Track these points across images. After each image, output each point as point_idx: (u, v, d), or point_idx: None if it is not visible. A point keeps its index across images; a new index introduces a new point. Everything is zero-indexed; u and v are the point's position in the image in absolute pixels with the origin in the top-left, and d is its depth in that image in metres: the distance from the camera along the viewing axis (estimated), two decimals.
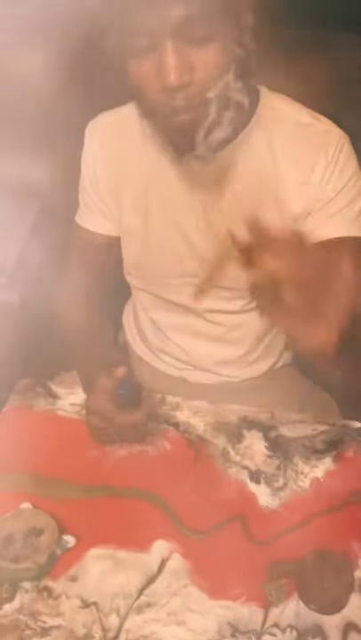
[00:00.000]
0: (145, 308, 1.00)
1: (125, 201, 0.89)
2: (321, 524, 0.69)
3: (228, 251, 0.51)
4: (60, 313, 0.95)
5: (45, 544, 0.63)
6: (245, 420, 0.83)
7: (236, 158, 0.81)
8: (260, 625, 0.59)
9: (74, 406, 0.84)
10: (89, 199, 0.93)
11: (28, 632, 0.58)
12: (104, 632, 0.58)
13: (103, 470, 0.75)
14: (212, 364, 1.01)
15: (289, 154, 0.81)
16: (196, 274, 0.90)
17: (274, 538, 0.67)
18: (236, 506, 0.71)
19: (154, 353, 1.05)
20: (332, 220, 0.82)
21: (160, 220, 0.88)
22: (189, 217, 0.86)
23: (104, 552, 0.65)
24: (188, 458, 0.77)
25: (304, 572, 0.62)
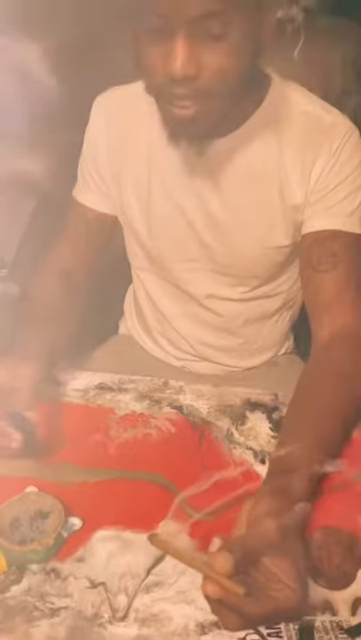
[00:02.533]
0: (148, 292, 0.99)
1: (127, 180, 0.88)
2: (327, 502, 0.69)
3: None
4: (35, 284, 0.92)
5: (52, 526, 0.63)
6: (249, 402, 0.83)
7: (240, 145, 0.81)
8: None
9: (77, 391, 0.84)
10: (87, 174, 0.93)
11: (36, 613, 0.58)
12: (113, 612, 0.58)
13: (108, 454, 0.75)
14: (213, 352, 1.01)
15: (294, 144, 0.81)
16: (198, 259, 0.90)
17: None
18: (241, 486, 0.71)
19: (154, 340, 1.05)
20: (328, 213, 0.82)
21: (162, 202, 0.87)
22: (192, 202, 0.86)
23: (111, 533, 0.65)
24: (192, 440, 0.77)
25: (313, 550, 0.61)
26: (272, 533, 0.53)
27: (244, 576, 0.53)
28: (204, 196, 0.85)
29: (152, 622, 0.58)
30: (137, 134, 0.86)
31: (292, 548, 0.55)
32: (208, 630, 0.57)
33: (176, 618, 0.58)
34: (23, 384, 0.71)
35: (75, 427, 0.78)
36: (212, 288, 0.93)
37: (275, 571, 0.53)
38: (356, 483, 0.71)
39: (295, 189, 0.82)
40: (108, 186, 0.91)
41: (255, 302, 0.95)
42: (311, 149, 0.80)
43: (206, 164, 0.82)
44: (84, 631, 0.57)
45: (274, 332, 1.02)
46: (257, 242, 0.86)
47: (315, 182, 0.81)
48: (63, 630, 0.57)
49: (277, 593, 0.52)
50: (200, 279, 0.92)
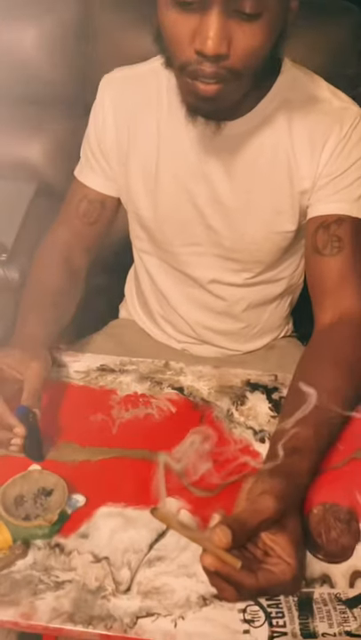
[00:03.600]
0: (150, 275, 1.00)
1: (134, 161, 0.87)
2: (326, 479, 0.70)
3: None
4: (35, 265, 0.92)
5: (55, 503, 0.64)
6: (248, 383, 0.84)
7: (252, 128, 0.81)
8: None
9: (79, 373, 0.84)
10: (91, 154, 0.92)
11: (41, 586, 0.59)
12: (116, 585, 0.60)
13: (110, 434, 0.76)
14: (214, 336, 1.01)
15: (304, 127, 0.81)
16: (203, 243, 0.90)
17: None
18: (241, 464, 0.72)
19: (156, 323, 1.05)
20: (335, 198, 0.82)
21: (170, 185, 0.86)
22: (200, 186, 0.85)
23: (114, 510, 0.66)
24: (193, 419, 0.78)
25: (311, 524, 0.63)
26: (270, 510, 0.55)
27: (242, 550, 0.54)
28: (212, 179, 0.84)
29: (154, 595, 0.59)
30: (146, 115, 0.85)
31: (290, 524, 0.57)
32: (209, 602, 0.58)
33: (178, 590, 0.59)
34: (31, 380, 0.71)
35: (77, 408, 0.79)
36: (216, 273, 0.93)
37: (272, 546, 0.55)
38: (354, 460, 0.73)
39: (304, 174, 0.82)
40: (113, 167, 0.90)
41: (258, 287, 0.95)
42: (320, 134, 0.80)
43: (217, 146, 0.82)
44: (88, 603, 0.58)
45: (274, 317, 1.02)
46: (263, 227, 0.86)
47: (323, 166, 0.81)
48: (67, 602, 0.58)
49: (274, 567, 0.54)
50: (204, 263, 0.92)
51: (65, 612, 0.57)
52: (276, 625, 0.56)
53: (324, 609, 0.57)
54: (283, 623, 0.56)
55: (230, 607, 0.58)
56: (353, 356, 0.76)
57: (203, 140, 0.81)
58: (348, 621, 0.57)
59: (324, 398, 0.68)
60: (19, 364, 0.72)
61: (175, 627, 0.56)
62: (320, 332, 0.82)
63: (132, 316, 1.11)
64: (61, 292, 0.89)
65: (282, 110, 0.80)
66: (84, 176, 0.94)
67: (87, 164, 0.93)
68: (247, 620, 0.57)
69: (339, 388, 0.72)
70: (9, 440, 0.67)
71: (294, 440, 0.62)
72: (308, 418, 0.62)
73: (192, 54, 0.66)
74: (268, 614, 0.57)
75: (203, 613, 0.57)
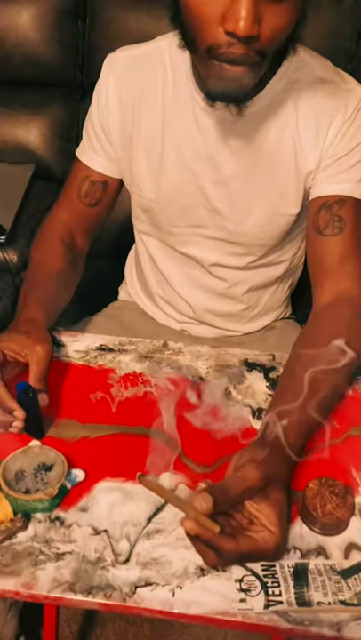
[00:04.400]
0: (152, 256, 1.00)
1: (138, 143, 0.87)
2: (322, 455, 0.71)
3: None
4: (35, 246, 0.91)
5: (55, 478, 0.65)
6: (246, 362, 0.85)
7: (258, 110, 0.80)
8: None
9: (78, 353, 0.85)
10: (93, 135, 0.91)
11: (42, 557, 0.60)
12: (115, 556, 0.61)
13: (109, 411, 0.77)
14: (214, 317, 1.02)
15: (309, 109, 0.80)
16: (207, 225, 0.90)
17: None
18: (238, 441, 0.73)
19: (156, 304, 1.06)
20: (338, 178, 0.82)
21: (174, 167, 0.86)
22: (205, 168, 0.85)
23: (113, 484, 0.67)
24: (191, 397, 0.79)
25: (307, 498, 0.64)
26: (252, 479, 0.57)
27: (228, 518, 0.56)
28: (218, 161, 0.84)
29: (153, 565, 0.60)
30: (151, 96, 0.85)
31: (274, 494, 0.58)
32: (206, 572, 0.60)
33: (176, 561, 0.60)
34: (37, 364, 0.72)
35: (76, 386, 0.80)
36: (219, 256, 0.93)
37: (256, 514, 0.57)
38: (351, 438, 0.73)
39: (308, 155, 0.82)
40: (116, 148, 0.90)
41: (259, 270, 0.96)
42: (326, 115, 0.80)
43: (223, 128, 0.82)
44: (87, 573, 0.59)
45: (274, 299, 1.03)
46: (267, 209, 0.86)
47: (328, 147, 0.81)
48: (68, 573, 0.59)
49: (256, 534, 0.56)
50: (207, 246, 0.92)
51: (65, 582, 0.58)
52: (271, 594, 0.57)
53: (319, 579, 0.59)
54: (278, 592, 0.58)
55: (227, 577, 0.59)
56: (348, 335, 0.77)
57: (220, 123, 0.81)
58: (343, 591, 0.58)
59: (318, 376, 0.69)
60: (23, 348, 0.73)
61: (173, 596, 0.58)
62: (318, 312, 0.82)
63: (131, 297, 1.11)
64: (62, 274, 0.90)
65: (288, 92, 0.80)
66: (85, 157, 0.93)
67: (89, 144, 0.92)
68: (244, 590, 0.58)
69: (337, 369, 0.72)
70: (10, 423, 0.68)
71: (284, 415, 0.63)
72: (300, 395, 0.63)
73: (221, 36, 0.64)
74: (264, 584, 0.58)
75: (200, 583, 0.59)
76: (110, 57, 0.88)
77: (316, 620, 0.56)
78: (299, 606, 0.57)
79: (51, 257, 0.90)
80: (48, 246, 0.92)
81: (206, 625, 0.59)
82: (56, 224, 0.94)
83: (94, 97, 0.90)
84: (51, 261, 0.90)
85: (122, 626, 1.19)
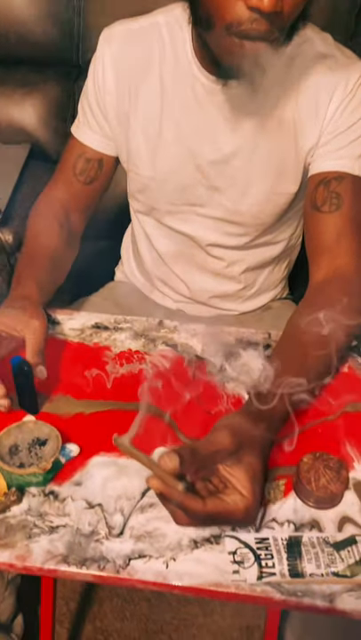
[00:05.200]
0: (148, 235, 0.99)
1: (135, 120, 0.86)
2: (317, 431, 0.71)
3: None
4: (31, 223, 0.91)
5: (49, 452, 0.65)
6: (242, 340, 0.84)
7: (259, 86, 0.78)
8: (258, 519, 0.62)
9: (73, 330, 0.85)
10: (89, 111, 0.90)
11: (36, 530, 0.60)
12: (109, 529, 0.61)
13: (105, 388, 0.77)
14: (211, 297, 1.01)
15: (310, 84, 0.80)
16: (205, 204, 0.89)
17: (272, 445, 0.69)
18: None
19: (152, 284, 1.05)
20: (337, 155, 0.81)
21: (172, 145, 0.85)
22: (204, 146, 0.84)
23: (107, 459, 0.67)
24: (185, 374, 0.79)
25: (301, 472, 0.64)
26: (223, 442, 0.57)
27: (205, 482, 0.57)
28: (217, 138, 0.83)
29: (146, 538, 0.60)
30: (148, 72, 0.83)
31: (248, 459, 0.58)
32: (200, 545, 0.60)
33: (169, 534, 0.60)
34: (33, 338, 0.71)
35: (72, 363, 0.80)
36: (216, 235, 0.92)
37: (229, 478, 0.57)
38: (346, 414, 0.73)
39: (309, 131, 0.81)
40: (112, 125, 0.88)
41: (257, 250, 0.95)
42: (326, 90, 0.79)
43: (223, 105, 0.80)
44: (81, 546, 0.59)
45: (271, 279, 1.02)
46: (266, 188, 0.85)
47: (328, 122, 0.80)
48: (62, 545, 0.59)
49: (227, 497, 0.56)
50: (205, 225, 0.91)
51: (59, 554, 0.59)
52: (265, 566, 0.58)
53: (312, 551, 0.59)
54: (272, 564, 0.58)
55: (220, 549, 0.59)
56: (343, 312, 0.76)
57: (220, 100, 0.79)
58: (336, 563, 0.58)
59: (309, 349, 0.68)
60: (17, 322, 0.72)
61: (167, 567, 0.58)
62: (314, 288, 0.82)
63: (127, 277, 1.10)
64: (57, 252, 0.89)
65: (289, 67, 0.79)
66: (81, 133, 0.92)
67: (85, 120, 0.91)
68: (237, 562, 0.58)
69: (326, 340, 0.72)
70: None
71: (274, 386, 0.63)
72: (291, 366, 0.63)
73: (243, 11, 0.63)
74: (257, 556, 0.58)
75: (194, 555, 0.59)
76: (107, 31, 0.87)
77: (309, 592, 0.56)
78: (292, 578, 0.57)
79: (45, 234, 0.89)
80: (43, 224, 0.91)
81: (200, 596, 0.59)
82: (51, 201, 0.93)
83: (90, 72, 0.89)
84: (46, 239, 0.89)
85: (119, 604, 1.20)
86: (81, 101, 0.92)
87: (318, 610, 0.56)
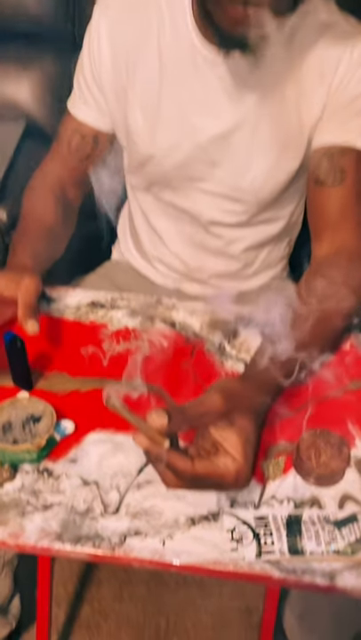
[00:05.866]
0: (145, 213, 0.97)
1: (133, 94, 0.83)
2: (320, 409, 0.70)
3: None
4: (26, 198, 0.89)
5: (43, 429, 0.63)
6: (242, 319, 0.83)
7: (263, 59, 0.75)
8: (257, 497, 0.60)
9: (69, 308, 0.83)
10: (84, 85, 0.87)
11: (29, 508, 0.59)
12: (105, 506, 0.59)
13: (101, 365, 0.75)
14: (209, 276, 1.00)
15: (314, 55, 0.77)
16: (205, 178, 0.87)
17: (271, 422, 0.68)
18: None
19: (150, 263, 1.03)
20: (342, 128, 0.79)
21: (172, 119, 0.82)
22: (205, 120, 0.81)
23: (103, 436, 0.66)
24: (184, 352, 0.77)
25: (301, 448, 0.62)
26: (213, 403, 0.56)
27: (197, 446, 0.56)
28: (218, 112, 0.80)
29: (143, 516, 0.59)
30: (146, 44, 0.80)
31: (240, 422, 0.57)
32: (198, 523, 0.58)
33: (166, 512, 0.59)
34: (25, 293, 0.70)
35: (67, 341, 0.78)
36: (216, 212, 0.90)
37: (220, 441, 0.56)
38: (349, 392, 0.72)
39: (313, 103, 0.78)
40: (109, 100, 0.86)
41: (257, 227, 0.93)
42: (331, 60, 0.76)
43: (224, 77, 0.78)
44: (76, 524, 0.58)
45: (271, 257, 1.00)
46: (268, 163, 0.83)
47: (333, 93, 0.78)
48: (56, 523, 0.58)
49: (217, 459, 0.55)
50: (204, 202, 0.89)
51: (53, 532, 0.57)
52: (264, 543, 0.56)
53: (312, 529, 0.57)
54: (271, 542, 0.56)
55: (219, 527, 0.58)
56: (344, 287, 0.75)
57: (222, 73, 0.77)
58: (336, 540, 0.57)
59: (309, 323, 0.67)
60: (9, 282, 0.71)
61: (163, 545, 0.57)
62: (317, 263, 0.80)
63: (124, 256, 1.08)
64: (53, 225, 0.87)
65: (293, 38, 0.76)
66: (76, 109, 0.89)
67: (80, 95, 0.88)
68: (235, 540, 0.57)
69: (326, 315, 0.70)
70: None
71: (263, 355, 0.62)
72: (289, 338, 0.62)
73: None
74: (256, 534, 0.57)
75: (191, 533, 0.57)
76: (101, 0, 0.84)
77: (309, 570, 0.55)
78: (291, 555, 0.56)
79: (41, 208, 0.87)
80: (38, 197, 0.89)
81: (198, 575, 0.58)
82: (47, 176, 0.91)
83: (85, 43, 0.86)
84: (41, 213, 0.87)
85: (117, 586, 1.20)
86: (76, 74, 0.89)
87: (318, 588, 0.55)
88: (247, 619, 1.15)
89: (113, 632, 1.14)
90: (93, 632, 1.14)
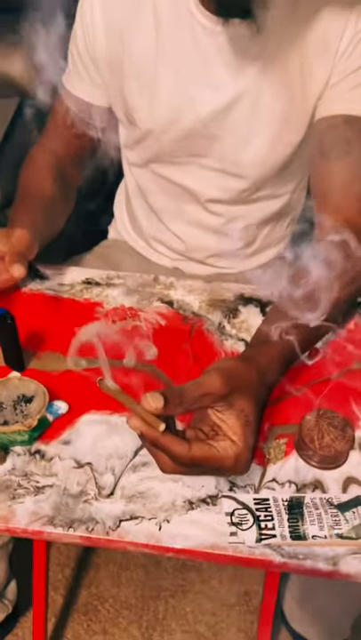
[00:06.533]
0: (142, 191, 0.94)
1: (129, 66, 0.80)
2: (322, 389, 0.67)
3: None
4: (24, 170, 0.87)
5: (35, 409, 0.61)
6: (242, 297, 0.80)
7: (265, 28, 0.72)
8: (258, 480, 0.58)
9: (63, 286, 0.80)
10: (78, 58, 0.84)
11: (20, 491, 0.57)
12: (99, 489, 0.57)
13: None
14: (208, 256, 0.97)
15: (318, 20, 0.74)
16: (205, 154, 0.84)
17: (272, 403, 0.65)
18: None
19: (147, 242, 1.00)
20: (347, 97, 0.76)
21: (170, 92, 0.79)
22: (204, 92, 0.78)
23: (98, 417, 0.63)
24: (182, 332, 0.75)
25: (303, 430, 0.60)
26: (213, 383, 0.53)
27: (195, 430, 0.53)
28: (218, 84, 0.77)
29: (139, 499, 0.57)
30: (142, 14, 0.77)
31: (240, 404, 0.54)
32: (196, 506, 0.56)
33: (163, 494, 0.57)
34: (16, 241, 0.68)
35: (61, 319, 0.75)
36: (216, 188, 0.87)
37: (219, 424, 0.53)
38: (351, 372, 0.69)
39: (317, 73, 0.76)
40: (104, 73, 0.82)
41: (258, 205, 0.90)
42: (336, 27, 0.73)
43: (225, 47, 0.75)
44: (69, 507, 0.56)
45: (272, 235, 0.98)
46: (270, 137, 0.80)
47: (338, 61, 0.75)
48: (47, 506, 0.56)
49: (216, 443, 0.52)
50: (204, 178, 0.86)
51: (45, 515, 0.55)
52: (264, 528, 0.54)
53: (315, 512, 0.55)
54: (272, 526, 0.54)
55: (217, 511, 0.56)
56: (349, 263, 0.72)
57: (222, 42, 0.74)
58: (340, 524, 0.55)
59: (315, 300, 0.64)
60: (1, 236, 0.69)
61: (160, 529, 0.54)
62: (320, 239, 0.77)
63: (121, 235, 1.05)
64: (51, 197, 0.84)
65: (296, 6, 0.73)
66: (70, 83, 0.86)
67: (74, 69, 0.85)
68: (235, 523, 0.55)
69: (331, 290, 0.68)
70: None
71: (265, 333, 0.60)
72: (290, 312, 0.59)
73: None
74: (256, 517, 0.55)
75: (188, 516, 0.55)
76: None
77: (311, 554, 0.53)
78: (293, 540, 0.53)
79: (39, 181, 0.85)
80: (36, 172, 0.86)
81: (195, 560, 0.55)
82: (44, 153, 0.89)
83: (78, 14, 0.83)
84: (39, 185, 0.84)
85: (115, 570, 1.19)
86: (70, 48, 0.86)
87: (321, 573, 0.53)
88: (246, 602, 1.14)
89: (111, 616, 1.13)
90: (91, 616, 1.13)
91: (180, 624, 1.12)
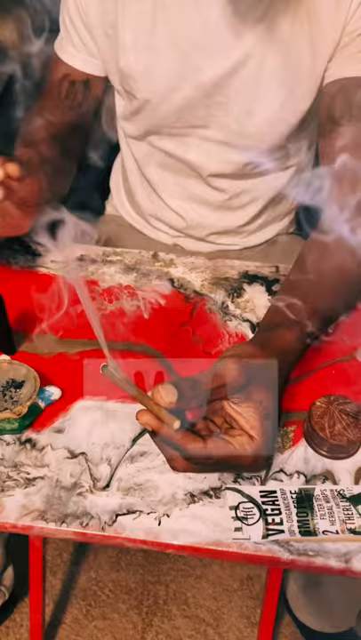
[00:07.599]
0: (140, 165, 0.89)
1: (125, 33, 0.75)
2: (331, 373, 0.63)
3: None
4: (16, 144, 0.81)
5: (26, 395, 0.57)
6: (246, 274, 0.76)
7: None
8: (264, 471, 0.54)
9: (56, 263, 0.76)
10: (71, 25, 0.79)
11: (9, 483, 0.53)
12: (94, 481, 0.54)
13: (90, 326, 0.68)
14: (210, 234, 0.92)
15: None
16: (207, 124, 0.79)
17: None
18: None
19: (145, 219, 0.96)
20: (358, 58, 0.71)
21: (169, 59, 0.75)
22: (205, 59, 0.73)
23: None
24: (183, 312, 0.70)
25: (313, 417, 0.56)
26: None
27: (206, 422, 0.49)
28: (221, 51, 0.73)
29: (136, 491, 0.53)
30: None
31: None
32: (198, 500, 0.52)
33: (163, 487, 0.53)
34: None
35: (53, 299, 0.71)
36: (218, 163, 0.82)
37: (235, 417, 0.49)
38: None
39: (327, 33, 0.71)
40: (98, 40, 0.78)
41: (263, 179, 0.86)
42: None
43: (227, 11, 0.70)
44: (61, 500, 0.52)
45: (278, 210, 0.93)
46: (276, 104, 0.76)
47: (350, 19, 0.70)
48: (39, 499, 0.52)
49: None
50: (206, 151, 0.82)
51: (36, 509, 0.52)
52: (271, 522, 0.50)
53: (325, 506, 0.52)
54: (279, 520, 0.51)
55: (221, 504, 0.52)
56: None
57: (224, 4, 0.69)
58: (353, 519, 0.51)
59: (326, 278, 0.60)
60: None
61: (159, 524, 0.51)
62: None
63: (118, 211, 1.01)
64: (53, 159, 0.78)
65: None
66: (63, 51, 0.81)
67: (67, 37, 0.80)
68: (240, 518, 0.51)
69: (342, 269, 0.64)
70: None
71: (280, 315, 0.56)
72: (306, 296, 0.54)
73: None
74: (262, 511, 0.51)
75: (190, 510, 0.52)
76: None
77: (322, 551, 0.50)
78: (302, 535, 0.50)
79: (37, 145, 0.79)
80: (34, 134, 0.80)
81: (198, 556, 0.52)
82: (42, 121, 0.83)
83: None
84: (39, 148, 0.78)
85: (115, 555, 1.16)
86: (61, 14, 0.80)
87: (333, 571, 0.49)
88: (249, 587, 1.12)
89: (110, 601, 1.11)
90: (90, 601, 1.11)
91: (180, 609, 1.10)
